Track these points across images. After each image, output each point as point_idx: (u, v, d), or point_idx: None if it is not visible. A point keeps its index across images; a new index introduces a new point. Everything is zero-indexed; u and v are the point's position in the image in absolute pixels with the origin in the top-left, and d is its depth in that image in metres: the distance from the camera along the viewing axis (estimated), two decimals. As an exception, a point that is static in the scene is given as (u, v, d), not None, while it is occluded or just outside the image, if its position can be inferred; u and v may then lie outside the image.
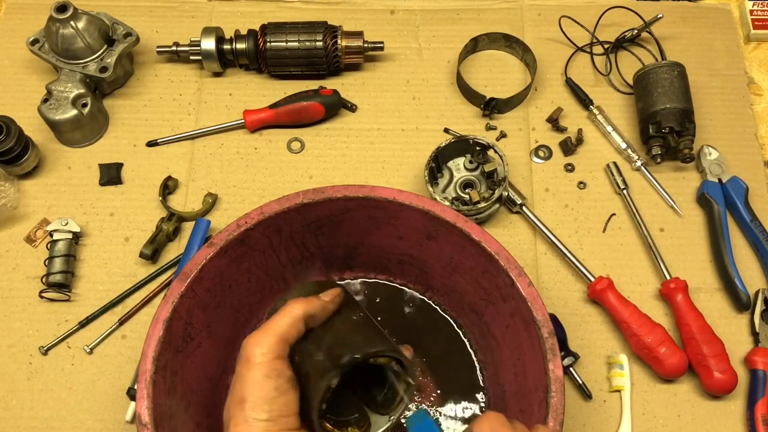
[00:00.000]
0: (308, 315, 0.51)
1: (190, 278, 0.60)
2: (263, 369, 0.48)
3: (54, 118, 0.81)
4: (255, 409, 0.46)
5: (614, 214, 0.82)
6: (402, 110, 0.89)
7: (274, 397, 0.47)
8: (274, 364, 0.48)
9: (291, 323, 0.50)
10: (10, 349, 0.75)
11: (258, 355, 0.48)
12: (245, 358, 0.48)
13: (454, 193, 0.81)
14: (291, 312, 0.51)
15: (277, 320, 0.50)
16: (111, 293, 0.77)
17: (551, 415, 0.55)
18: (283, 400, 0.48)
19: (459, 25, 0.94)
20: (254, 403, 0.46)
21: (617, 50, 0.92)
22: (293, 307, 0.51)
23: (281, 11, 0.95)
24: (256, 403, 0.46)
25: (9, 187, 0.80)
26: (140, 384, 0.55)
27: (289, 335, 0.50)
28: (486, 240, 0.61)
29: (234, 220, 0.62)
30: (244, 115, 0.86)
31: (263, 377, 0.47)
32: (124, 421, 0.71)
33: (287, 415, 0.48)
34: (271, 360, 0.48)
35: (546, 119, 0.87)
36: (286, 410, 0.48)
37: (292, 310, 0.51)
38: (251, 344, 0.49)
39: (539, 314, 0.58)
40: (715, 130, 0.87)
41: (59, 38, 0.82)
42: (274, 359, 0.48)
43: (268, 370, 0.48)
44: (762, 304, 0.76)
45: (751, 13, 0.93)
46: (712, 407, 0.72)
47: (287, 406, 0.48)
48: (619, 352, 0.74)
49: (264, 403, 0.47)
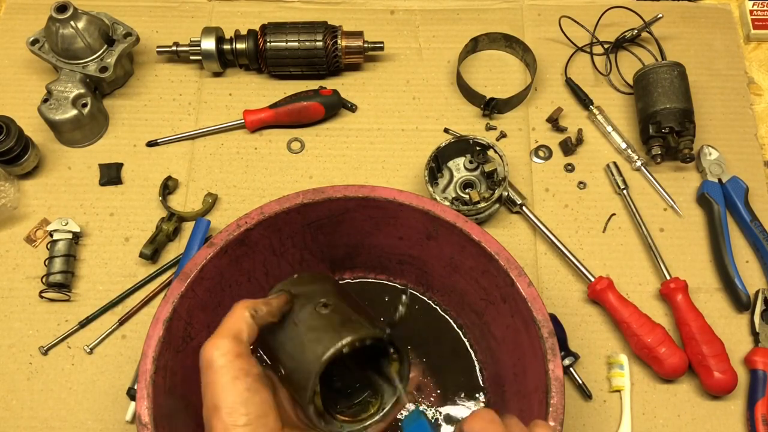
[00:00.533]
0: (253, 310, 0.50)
1: (190, 278, 0.60)
2: (229, 371, 0.46)
3: (54, 118, 0.81)
4: (232, 415, 0.44)
5: (614, 214, 0.82)
6: (402, 110, 0.89)
7: (248, 398, 0.45)
8: (237, 364, 0.46)
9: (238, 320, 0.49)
10: (10, 349, 0.75)
11: (218, 358, 0.46)
12: (207, 365, 0.46)
13: (454, 193, 0.81)
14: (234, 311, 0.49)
15: (225, 322, 0.49)
16: (111, 293, 0.77)
17: (551, 415, 0.55)
18: (257, 399, 0.46)
19: (459, 25, 0.94)
20: (230, 409, 0.45)
21: (617, 50, 0.92)
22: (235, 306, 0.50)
23: (281, 11, 0.95)
24: (232, 408, 0.45)
25: (9, 187, 0.80)
26: (140, 384, 0.55)
27: (241, 332, 0.48)
28: (486, 240, 0.61)
29: (234, 220, 0.62)
30: (244, 115, 0.86)
31: (231, 380, 0.45)
32: (124, 421, 0.71)
33: (266, 415, 0.46)
34: (233, 360, 0.46)
35: (546, 119, 0.87)
36: (263, 409, 0.46)
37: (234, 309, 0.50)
38: (208, 349, 0.47)
39: (539, 314, 0.58)
40: (715, 130, 0.87)
41: (59, 38, 0.82)
42: (236, 359, 0.46)
43: (234, 372, 0.46)
44: (762, 304, 0.76)
45: (751, 13, 0.93)
46: (712, 407, 0.72)
47: (263, 405, 0.46)
48: (619, 352, 0.74)
49: (240, 406, 0.45)
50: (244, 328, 0.48)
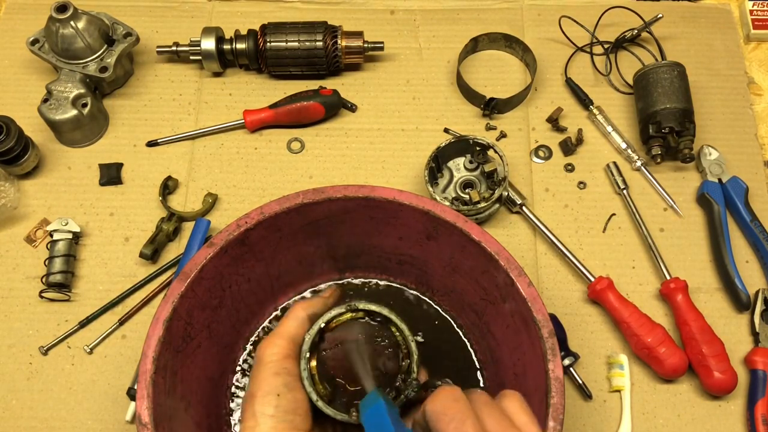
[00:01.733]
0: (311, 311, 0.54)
1: (190, 278, 0.60)
2: (273, 367, 0.50)
3: (54, 118, 0.81)
4: (263, 404, 0.48)
5: (614, 214, 0.82)
6: (402, 110, 0.89)
7: (282, 393, 0.48)
8: (283, 363, 0.50)
9: (298, 324, 0.53)
10: (10, 349, 0.75)
11: (269, 356, 0.50)
12: (258, 360, 0.51)
13: (454, 193, 0.81)
14: (296, 314, 0.54)
15: (285, 323, 0.53)
16: (111, 293, 0.77)
17: (551, 415, 0.55)
18: (290, 397, 0.49)
19: (459, 25, 0.94)
20: (262, 399, 0.48)
21: (617, 50, 0.92)
22: (295, 307, 0.54)
23: (281, 11, 0.95)
24: (264, 398, 0.48)
25: (9, 187, 0.80)
26: (140, 384, 0.55)
27: (296, 335, 0.52)
28: (486, 240, 0.61)
29: (234, 220, 0.62)
30: (244, 115, 0.86)
31: (272, 375, 0.49)
32: (124, 421, 0.71)
33: (296, 413, 0.49)
34: (281, 359, 0.50)
35: (546, 119, 0.87)
36: (294, 407, 0.49)
37: (293, 310, 0.54)
38: (263, 347, 0.51)
39: (539, 314, 0.58)
40: (715, 130, 0.87)
41: (59, 38, 0.82)
42: (283, 358, 0.50)
43: (277, 368, 0.49)
44: (762, 304, 0.76)
45: (751, 13, 0.93)
46: (712, 407, 0.72)
47: (296, 403, 0.49)
48: (619, 352, 0.74)
49: (271, 398, 0.48)
50: (300, 331, 0.53)
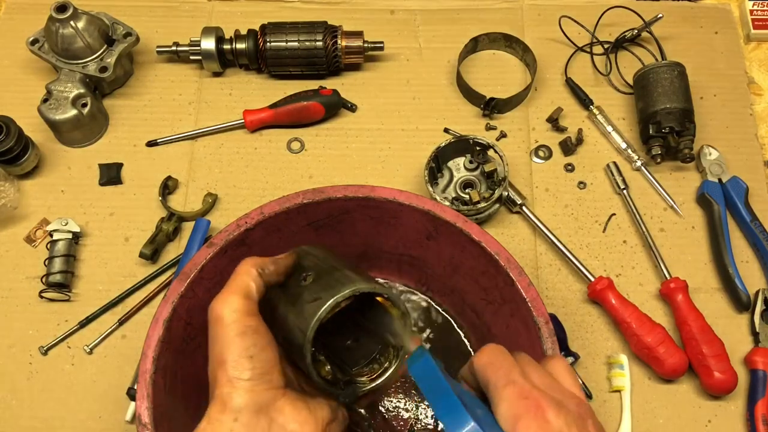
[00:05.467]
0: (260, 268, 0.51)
1: (189, 278, 0.60)
2: (237, 327, 0.47)
3: (54, 118, 0.81)
4: (237, 368, 0.46)
5: (614, 214, 0.82)
6: (402, 110, 0.89)
7: (254, 354, 0.46)
8: (246, 321, 0.47)
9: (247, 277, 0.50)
10: (10, 349, 0.75)
11: (227, 314, 0.47)
12: (216, 319, 0.48)
13: (454, 193, 0.81)
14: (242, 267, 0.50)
15: (235, 279, 0.50)
16: (111, 293, 0.77)
17: (551, 415, 0.54)
18: (263, 356, 0.47)
19: (459, 25, 0.94)
20: (235, 362, 0.46)
21: (617, 50, 0.92)
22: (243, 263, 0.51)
23: (281, 11, 0.95)
24: (237, 362, 0.46)
25: (9, 187, 0.80)
26: (140, 384, 0.55)
27: (250, 290, 0.49)
28: (486, 240, 0.61)
29: (234, 220, 0.62)
30: (244, 115, 0.86)
31: (239, 335, 0.47)
32: (124, 421, 0.71)
33: (270, 372, 0.47)
34: (243, 317, 0.47)
35: (546, 119, 0.87)
36: (267, 366, 0.47)
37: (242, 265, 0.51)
38: (219, 305, 0.48)
39: (539, 314, 0.58)
40: (715, 130, 0.87)
41: (59, 38, 0.82)
42: (245, 316, 0.48)
43: (242, 328, 0.47)
44: (762, 304, 0.75)
45: (751, 13, 0.93)
46: (712, 407, 0.72)
47: (267, 362, 0.47)
48: (619, 352, 0.74)
49: (245, 360, 0.46)
50: (253, 286, 0.50)
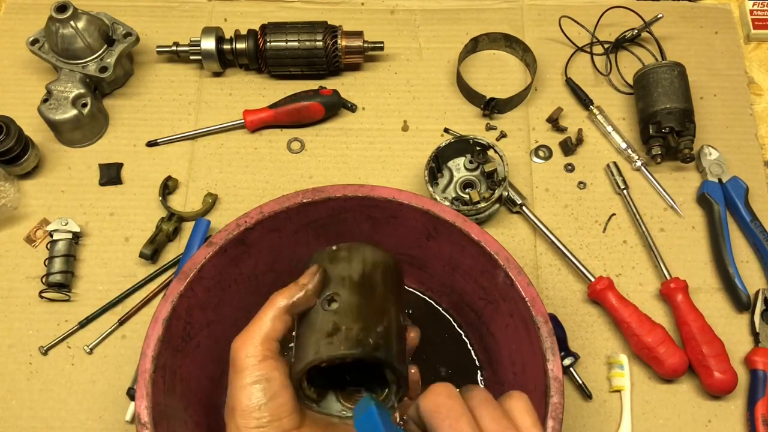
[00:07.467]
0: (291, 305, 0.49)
1: (189, 277, 0.60)
2: (251, 375, 0.46)
3: (54, 118, 0.82)
4: (244, 418, 0.45)
5: (614, 214, 0.82)
6: (402, 110, 0.89)
7: (263, 403, 0.46)
8: (261, 368, 0.46)
9: (275, 317, 0.48)
10: (10, 349, 0.75)
11: (243, 359, 0.47)
12: (233, 361, 0.47)
13: (454, 193, 0.81)
14: (270, 305, 0.49)
15: (261, 317, 0.48)
16: (111, 293, 0.77)
17: (550, 415, 0.54)
18: (273, 405, 0.46)
19: (459, 25, 0.94)
20: (243, 412, 0.46)
21: (617, 50, 0.92)
22: (272, 299, 0.49)
23: (281, 11, 0.95)
24: (245, 412, 0.45)
25: (9, 187, 0.80)
26: (139, 383, 0.55)
27: (275, 332, 0.48)
28: (486, 240, 0.61)
29: (233, 220, 0.62)
30: (244, 115, 0.86)
31: (250, 384, 0.46)
32: (124, 421, 0.71)
33: (281, 417, 0.46)
34: (258, 363, 0.46)
35: (546, 119, 0.87)
36: (278, 412, 0.46)
37: (270, 303, 0.49)
38: (237, 348, 0.47)
39: (539, 314, 0.58)
40: (715, 130, 0.87)
41: (59, 38, 0.82)
42: (261, 362, 0.47)
43: (255, 377, 0.46)
44: (762, 304, 0.75)
45: (751, 13, 0.93)
46: (712, 407, 0.72)
47: (279, 409, 0.46)
48: (619, 352, 0.74)
49: (253, 410, 0.45)
50: (279, 328, 0.48)
